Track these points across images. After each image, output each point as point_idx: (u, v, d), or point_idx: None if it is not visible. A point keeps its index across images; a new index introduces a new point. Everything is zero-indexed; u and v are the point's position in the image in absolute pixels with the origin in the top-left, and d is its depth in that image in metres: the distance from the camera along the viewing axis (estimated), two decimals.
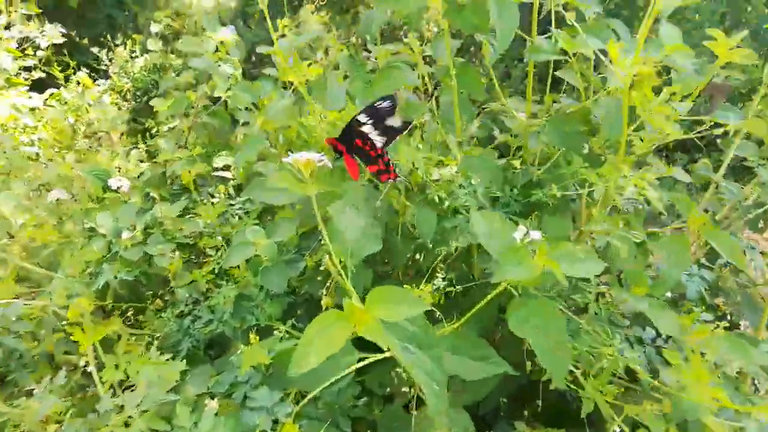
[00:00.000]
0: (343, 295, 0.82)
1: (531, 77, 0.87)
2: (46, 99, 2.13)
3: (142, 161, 1.51)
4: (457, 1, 0.76)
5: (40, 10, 2.40)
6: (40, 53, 2.31)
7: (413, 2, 0.73)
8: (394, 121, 0.77)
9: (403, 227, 0.90)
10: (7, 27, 2.23)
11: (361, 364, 0.65)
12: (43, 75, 2.33)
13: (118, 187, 1.18)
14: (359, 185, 0.73)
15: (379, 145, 0.77)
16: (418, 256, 0.93)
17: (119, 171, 1.32)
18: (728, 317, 1.12)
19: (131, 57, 2.94)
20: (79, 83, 2.30)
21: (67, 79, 2.35)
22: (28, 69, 2.21)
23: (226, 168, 1.34)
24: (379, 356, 0.62)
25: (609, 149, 0.92)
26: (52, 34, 2.43)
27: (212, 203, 0.95)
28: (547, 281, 0.62)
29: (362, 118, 0.77)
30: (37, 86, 2.22)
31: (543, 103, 0.99)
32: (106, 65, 2.87)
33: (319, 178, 0.66)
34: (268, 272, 0.87)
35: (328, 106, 0.82)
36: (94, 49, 2.97)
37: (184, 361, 0.74)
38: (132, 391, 0.69)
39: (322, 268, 0.81)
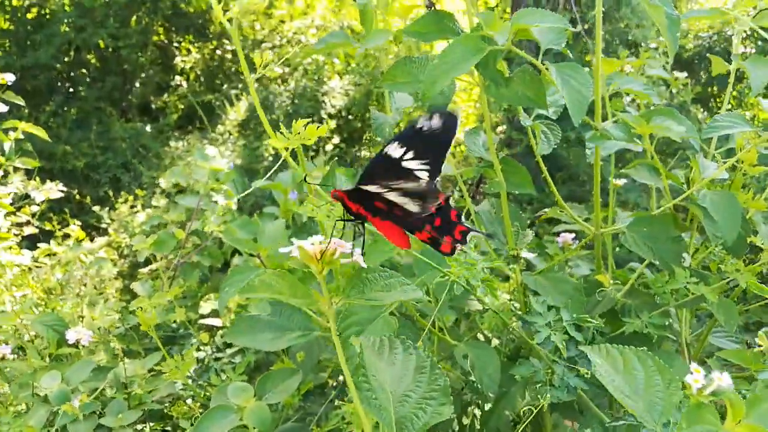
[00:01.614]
0: None
1: (598, 172, 0.68)
2: (37, 256, 1.96)
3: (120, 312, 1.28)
4: (501, 72, 0.59)
5: (39, 166, 2.32)
6: (35, 208, 2.19)
7: (436, 82, 0.55)
8: (442, 137, 0.47)
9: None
10: (4, 183, 2.13)
11: None
12: (36, 230, 2.19)
13: (76, 341, 0.95)
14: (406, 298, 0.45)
15: (423, 179, 0.47)
16: (466, 420, 0.66)
17: (82, 321, 1.09)
18: None
19: (132, 213, 2.85)
20: (69, 236, 2.16)
21: (66, 236, 2.23)
22: (20, 225, 2.07)
23: (215, 314, 1.11)
24: None
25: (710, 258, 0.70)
26: (50, 188, 2.33)
27: (182, 356, 0.71)
28: None
29: (394, 149, 0.48)
30: (32, 241, 2.07)
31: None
32: (107, 223, 2.77)
33: (345, 282, 0.42)
34: None
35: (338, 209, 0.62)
36: (96, 208, 2.89)
37: None
38: None
39: None
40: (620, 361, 0.42)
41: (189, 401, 0.78)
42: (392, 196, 0.46)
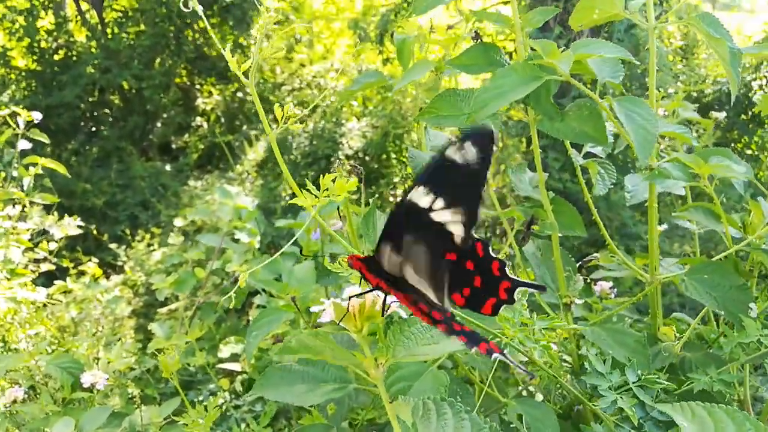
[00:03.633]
0: None
1: (653, 215, 0.64)
2: (52, 293, 1.93)
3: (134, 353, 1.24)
4: (555, 106, 0.56)
5: (58, 202, 2.31)
6: (52, 245, 2.18)
7: (486, 107, 0.51)
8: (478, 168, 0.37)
9: None
10: (23, 219, 2.12)
11: None
12: (53, 267, 2.17)
13: (92, 385, 0.91)
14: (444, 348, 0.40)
15: (458, 236, 0.38)
16: None
17: (98, 363, 1.05)
18: None
19: (149, 251, 2.84)
20: (84, 274, 2.14)
21: (81, 273, 2.21)
22: (38, 261, 2.06)
23: (235, 358, 1.06)
24: None
25: None
26: (68, 224, 2.31)
27: (203, 405, 0.67)
28: None
29: (420, 195, 0.38)
30: (48, 278, 2.05)
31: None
32: (123, 261, 2.75)
33: (389, 338, 0.37)
34: None
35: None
36: (114, 245, 2.88)
37: None
38: None
39: None
40: (710, 423, 0.37)
41: None
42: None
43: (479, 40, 0.60)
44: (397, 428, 0.33)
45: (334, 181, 0.51)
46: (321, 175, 0.52)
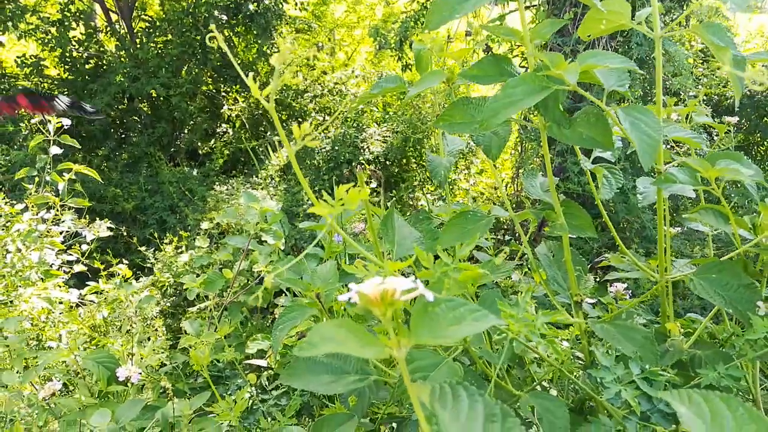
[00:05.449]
0: None
1: (662, 217, 0.66)
2: (85, 293, 2.01)
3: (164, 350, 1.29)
4: (563, 113, 0.58)
5: (89, 206, 2.38)
6: (84, 247, 2.26)
7: (497, 114, 0.54)
8: None
9: None
10: (57, 222, 2.20)
11: None
12: (85, 269, 2.24)
13: (126, 379, 0.96)
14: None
15: None
16: None
17: (131, 359, 1.10)
18: None
19: (177, 253, 2.91)
20: (114, 276, 2.21)
21: (111, 275, 2.28)
22: (70, 263, 2.14)
23: (261, 354, 1.11)
24: None
25: None
26: (99, 227, 2.39)
27: (233, 399, 0.70)
28: None
29: None
30: (80, 279, 2.13)
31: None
32: (152, 263, 2.83)
33: (412, 320, 0.40)
34: None
35: (397, 251, 0.61)
36: (143, 248, 2.96)
37: None
38: None
39: None
40: (706, 408, 0.39)
41: None
42: None
43: (490, 52, 0.63)
44: (417, 406, 0.36)
45: (348, 191, 0.55)
46: (341, 181, 0.57)
